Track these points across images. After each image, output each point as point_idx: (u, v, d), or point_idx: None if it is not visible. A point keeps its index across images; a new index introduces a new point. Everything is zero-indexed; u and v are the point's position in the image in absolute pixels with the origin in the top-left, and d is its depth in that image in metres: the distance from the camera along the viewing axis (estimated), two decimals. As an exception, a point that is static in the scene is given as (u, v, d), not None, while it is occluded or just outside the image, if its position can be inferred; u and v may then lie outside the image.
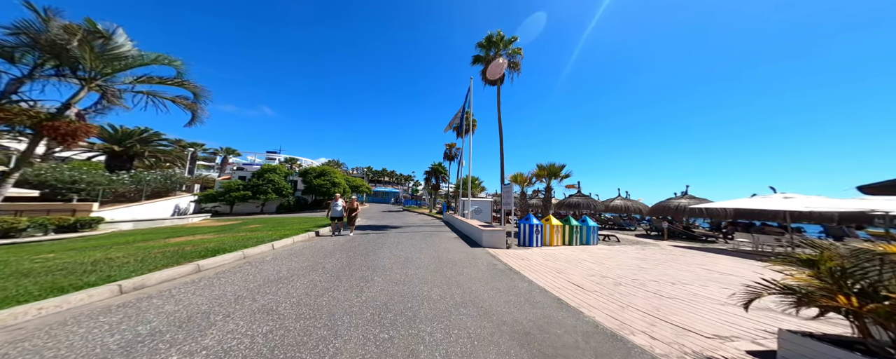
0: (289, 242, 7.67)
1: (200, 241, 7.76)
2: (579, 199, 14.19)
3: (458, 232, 11.65)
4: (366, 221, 16.29)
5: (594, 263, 6.52)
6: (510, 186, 8.80)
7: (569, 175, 11.09)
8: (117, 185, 19.72)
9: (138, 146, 23.20)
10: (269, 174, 28.59)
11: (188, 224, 17.80)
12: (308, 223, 13.31)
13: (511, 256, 7.14)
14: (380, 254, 6.78)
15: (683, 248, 9.88)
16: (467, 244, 8.61)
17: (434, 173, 35.95)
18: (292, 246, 7.33)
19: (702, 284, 5.13)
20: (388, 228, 12.66)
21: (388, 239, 9.32)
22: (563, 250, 8.18)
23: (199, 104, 8.72)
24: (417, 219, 19.07)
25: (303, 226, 11.94)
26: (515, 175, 11.35)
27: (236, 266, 5.07)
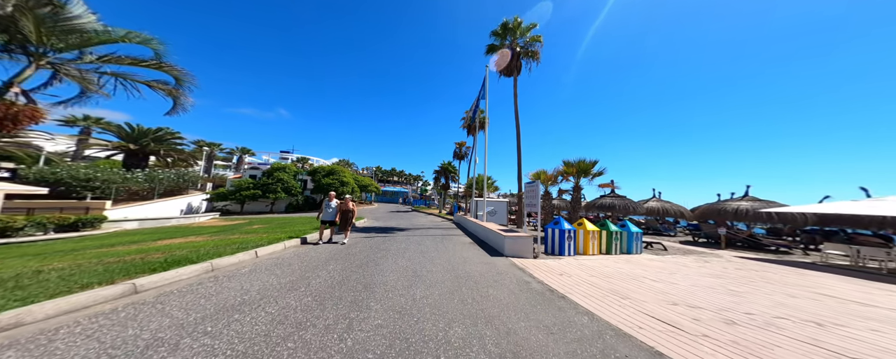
0: (279, 248, 6.45)
1: (180, 245, 6.67)
2: (614, 200, 11.54)
3: (472, 236, 10.22)
4: (372, 223, 15.08)
5: (658, 281, 4.97)
6: (536, 184, 7.33)
7: (602, 172, 9.42)
8: (131, 183, 19.37)
9: (153, 145, 22.95)
10: (279, 173, 27.97)
11: (194, 224, 17.12)
12: (314, 224, 12.22)
13: (543, 269, 5.67)
14: (382, 265, 5.45)
15: (754, 260, 8.04)
16: (485, 252, 7.19)
17: (444, 173, 34.60)
18: (281, 253, 6.10)
19: (870, 327, 3.35)
20: (394, 231, 11.37)
21: (393, 244, 8.01)
22: (603, 262, 6.62)
23: (181, 90, 7.65)
24: (426, 220, 17.74)
25: (304, 227, 10.81)
26: (538, 173, 9.84)
27: (193, 283, 3.84)
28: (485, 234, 8.92)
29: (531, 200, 7.74)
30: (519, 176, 14.12)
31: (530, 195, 7.85)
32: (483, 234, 9.18)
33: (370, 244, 7.85)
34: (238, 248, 5.69)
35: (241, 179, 28.12)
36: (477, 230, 10.24)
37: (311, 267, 5.05)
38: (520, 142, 14.40)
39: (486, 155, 11.62)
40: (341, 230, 7.76)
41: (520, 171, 14.14)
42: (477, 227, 10.36)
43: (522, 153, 14.23)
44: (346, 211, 7.68)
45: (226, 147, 52.18)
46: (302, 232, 8.71)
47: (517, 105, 14.86)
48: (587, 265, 6.14)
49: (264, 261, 5.37)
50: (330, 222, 7.52)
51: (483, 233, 9.20)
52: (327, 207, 7.53)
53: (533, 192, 7.69)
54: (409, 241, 8.74)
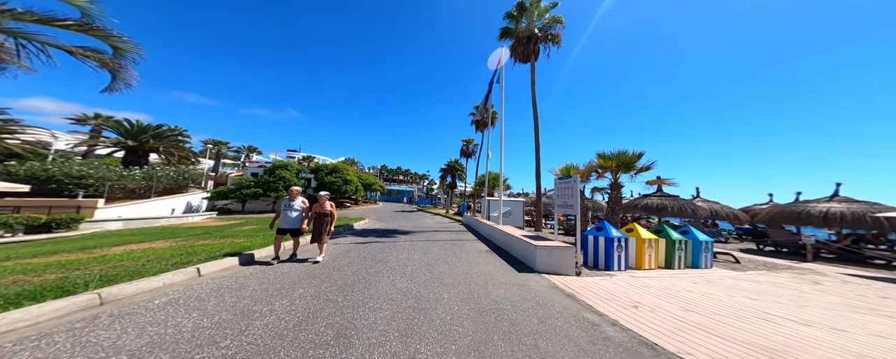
0: (232, 263, 4.78)
1: (120, 255, 5.15)
2: (664, 200, 8.93)
3: (488, 242, 8.50)
4: (373, 224, 13.48)
5: (800, 322, 3.19)
6: (573, 180, 5.55)
7: (648, 167, 7.50)
8: (127, 180, 18.27)
9: (152, 141, 21.93)
10: (281, 171, 26.71)
11: (185, 224, 15.81)
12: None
13: (602, 295, 3.93)
14: (373, 288, 3.79)
15: (872, 279, 5.97)
16: (509, 265, 5.48)
17: (450, 171, 32.88)
18: (238, 272, 4.47)
19: None
20: (396, 234, 9.72)
21: (392, 253, 6.35)
22: (675, 282, 4.82)
23: (121, 63, 6.08)
24: (433, 221, 16.07)
25: None
26: (567, 167, 8.05)
27: (35, 335, 2.25)
28: (505, 240, 7.19)
29: (566, 199, 5.99)
30: (537, 173, 12.32)
31: (564, 193, 6.09)
32: (502, 240, 7.44)
33: (364, 253, 6.21)
34: (175, 264, 4.11)
35: (242, 176, 26.96)
36: (493, 235, 8.51)
37: (270, 293, 3.42)
38: (538, 134, 12.60)
39: (503, 147, 9.88)
40: (314, 242, 5.29)
41: (538, 167, 12.35)
42: (492, 231, 8.64)
43: (540, 149, 12.46)
44: (322, 215, 5.11)
45: (233, 145, 51.59)
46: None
47: (535, 94, 13.06)
48: (659, 289, 4.36)
49: (207, 283, 3.76)
50: (291, 231, 5.04)
51: (502, 239, 7.47)
52: (288, 209, 5.02)
53: (568, 189, 5.93)
54: (413, 248, 7.09)
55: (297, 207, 5.13)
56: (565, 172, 8.05)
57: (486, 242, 8.51)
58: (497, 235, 8.04)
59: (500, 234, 7.71)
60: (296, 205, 5.14)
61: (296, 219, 5.09)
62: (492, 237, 8.65)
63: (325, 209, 5.23)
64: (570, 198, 5.74)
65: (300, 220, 5.14)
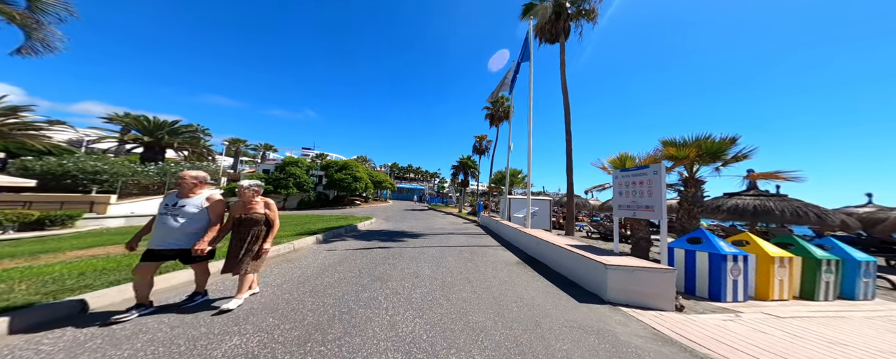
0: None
1: (57, 266, 3.92)
2: (767, 201, 6.16)
3: (516, 250, 6.82)
4: (380, 224, 12.07)
5: None
6: (656, 170, 3.73)
7: (745, 156, 5.47)
8: (141, 176, 17.89)
9: (167, 138, 21.63)
10: (291, 168, 25.97)
11: None
12: (313, 224, 9.38)
13: (752, 352, 2.20)
14: (358, 337, 2.22)
15: None
16: (558, 287, 3.82)
17: (462, 168, 31.18)
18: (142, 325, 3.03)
19: None
20: (404, 238, 8.21)
21: (397, 264, 4.81)
22: (845, 323, 2.97)
23: (38, 20, 4.77)
24: (445, 221, 14.49)
25: (295, 229, 7.98)
26: (621, 156, 6.14)
27: None
28: (543, 250, 5.47)
29: (634, 197, 4.23)
30: (568, 168, 10.47)
31: (631, 190, 4.32)
32: (538, 249, 5.73)
33: (362, 264, 4.71)
34: (59, 287, 2.72)
35: (253, 173, 26.46)
36: (522, 241, 6.81)
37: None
38: (569, 124, 10.73)
39: (531, 138, 8.13)
40: (228, 272, 2.72)
41: (569, 161, 10.49)
42: (520, 236, 6.95)
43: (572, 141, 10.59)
44: (247, 223, 2.76)
45: (251, 144, 52.17)
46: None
47: (565, 77, 11.18)
48: (836, 341, 2.57)
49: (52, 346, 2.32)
50: (175, 255, 2.54)
51: (537, 248, 5.76)
52: (169, 211, 2.51)
53: (639, 184, 4.15)
54: (423, 256, 5.53)
55: (190, 211, 2.54)
56: (619, 162, 6.21)
57: (513, 249, 6.83)
58: (528, 241, 6.35)
59: (532, 240, 6.01)
60: (188, 204, 2.56)
61: (186, 232, 2.51)
62: (520, 244, 6.96)
63: (254, 211, 2.78)
64: (645, 196, 3.98)
65: (197, 233, 2.56)
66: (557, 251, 4.77)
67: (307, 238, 6.30)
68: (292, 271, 4.19)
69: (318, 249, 5.87)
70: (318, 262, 4.77)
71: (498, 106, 27.87)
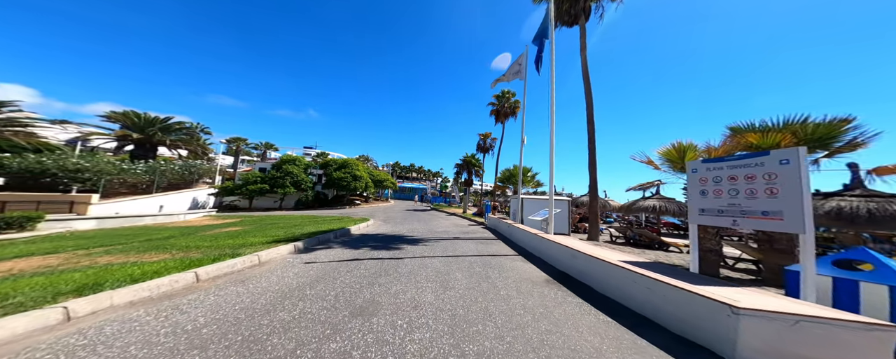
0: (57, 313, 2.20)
1: None
2: (883, 203, 4.38)
3: (539, 262, 5.56)
4: (378, 227, 10.88)
5: None
6: (794, 154, 2.42)
7: (862, 144, 4.10)
8: (127, 174, 16.90)
9: (159, 135, 20.69)
10: (288, 166, 24.92)
11: (172, 223, 13.97)
12: (303, 227, 8.20)
13: None
14: None
15: None
16: (636, 334, 2.53)
17: (466, 167, 29.90)
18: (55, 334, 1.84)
19: None
20: (403, 244, 6.98)
21: (391, 285, 3.56)
22: None
23: None
24: (449, 223, 13.25)
25: (273, 234, 6.81)
26: (678, 146, 4.76)
27: None
28: (587, 268, 4.14)
29: (743, 199, 2.90)
30: (591, 164, 9.16)
31: (736, 188, 2.99)
32: (576, 266, 4.41)
33: (341, 287, 3.48)
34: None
35: (250, 172, 25.48)
36: (549, 252, 5.51)
37: None
38: (592, 116, 9.42)
39: (553, 126, 6.83)
40: None
41: (592, 156, 9.17)
42: (545, 245, 5.67)
43: (595, 134, 9.29)
44: None
45: (252, 142, 51.51)
46: (225, 254, 4.54)
47: (586, 62, 9.88)
48: None
49: None
50: None
51: (575, 264, 4.45)
52: None
53: (756, 180, 2.82)
54: (425, 272, 4.30)
55: None
56: (675, 154, 4.86)
57: (535, 261, 5.56)
58: (556, 252, 5.07)
59: (563, 252, 4.74)
60: None
61: None
62: (544, 254, 5.68)
63: None
64: (762, 196, 2.66)
65: None
66: (608, 270, 3.50)
67: (282, 247, 5.10)
68: (237, 299, 2.99)
69: (293, 261, 4.66)
70: (283, 283, 3.57)
71: (503, 101, 26.56)
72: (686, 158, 4.76)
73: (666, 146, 4.98)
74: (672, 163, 5.01)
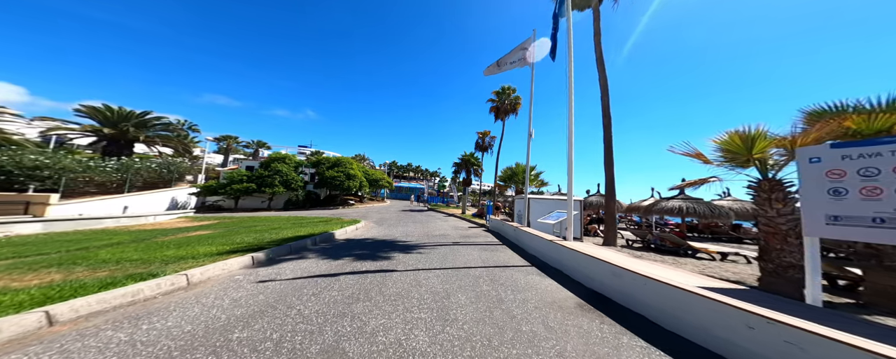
0: None
1: None
2: None
3: (565, 279, 4.51)
4: (368, 230, 9.77)
5: None
6: None
7: None
8: (95, 172, 15.54)
9: (134, 130, 19.30)
10: (277, 164, 23.66)
11: (138, 226, 12.65)
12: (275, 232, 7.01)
13: None
14: None
15: None
16: None
17: (465, 165, 28.88)
18: None
19: None
20: (393, 252, 5.87)
21: (362, 330, 2.40)
22: None
23: None
24: (447, 225, 12.17)
25: (231, 242, 5.68)
26: (741, 133, 3.73)
27: None
28: (643, 295, 3.02)
29: (869, 201, 1.89)
30: (607, 157, 8.15)
31: (862, 175, 1.98)
32: (623, 288, 3.30)
33: (297, 322, 2.35)
34: None
35: (235, 170, 24.15)
36: (575, 265, 4.44)
37: None
38: (608, 106, 8.42)
39: (572, 114, 5.80)
40: None
41: (609, 149, 8.17)
42: (566, 255, 4.62)
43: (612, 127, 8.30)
44: None
45: (243, 140, 49.94)
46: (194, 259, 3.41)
47: (600, 48, 8.88)
48: None
49: None
50: None
51: (621, 285, 3.35)
52: None
53: None
54: (416, 296, 3.20)
55: None
56: (740, 144, 3.78)
57: (554, 274, 4.51)
58: (587, 267, 4.01)
59: (600, 268, 3.69)
60: None
61: None
62: (566, 267, 4.62)
63: None
64: None
65: None
66: (684, 301, 2.44)
67: (233, 259, 3.98)
68: (101, 352, 1.86)
69: (243, 279, 3.55)
70: (203, 319, 2.46)
71: (504, 97, 25.56)
72: (756, 148, 3.72)
73: (722, 136, 3.93)
74: (734, 155, 3.98)
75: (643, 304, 2.88)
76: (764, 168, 3.87)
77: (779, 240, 3.39)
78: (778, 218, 3.45)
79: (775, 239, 3.42)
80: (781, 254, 3.38)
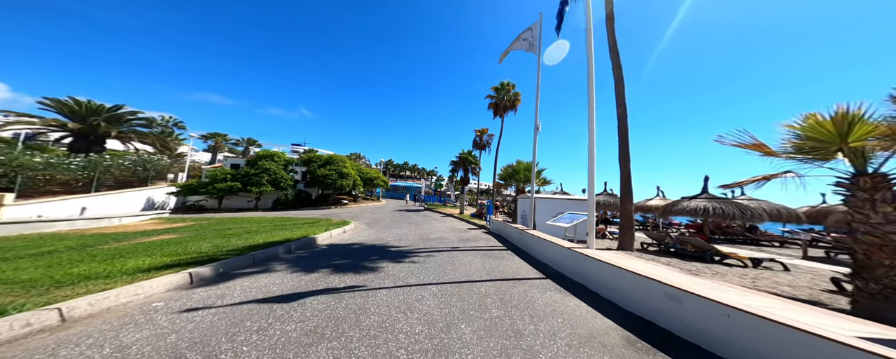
0: None
1: None
2: None
3: (594, 299, 3.66)
4: (357, 233, 8.84)
5: None
6: None
7: None
8: (57, 170, 14.26)
9: (104, 125, 17.91)
10: (265, 162, 22.47)
11: (98, 229, 11.30)
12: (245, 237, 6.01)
13: None
14: None
15: None
16: None
17: (462, 164, 28.04)
18: None
19: None
20: (380, 263, 4.95)
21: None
22: None
23: None
24: (444, 227, 11.30)
25: (210, 247, 4.71)
26: (835, 117, 2.94)
27: None
28: (766, 341, 2.24)
29: None
30: (622, 152, 7.36)
31: None
32: (711, 330, 2.51)
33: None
34: None
35: (219, 168, 22.89)
36: (614, 283, 3.54)
37: None
38: (622, 91, 7.63)
39: (593, 98, 4.97)
40: None
41: (624, 142, 7.38)
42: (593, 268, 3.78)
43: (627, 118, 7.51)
44: None
45: (232, 138, 48.31)
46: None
47: (613, 29, 8.09)
48: None
49: None
50: None
51: (706, 324, 2.53)
52: None
53: None
54: (404, 329, 2.29)
55: None
56: (828, 128, 2.83)
57: (580, 291, 3.67)
58: (628, 286, 3.16)
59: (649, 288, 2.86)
60: None
61: None
62: (596, 283, 3.77)
63: None
64: None
65: None
66: (813, 347, 1.59)
67: (159, 279, 3.03)
68: None
69: (163, 308, 2.61)
70: None
71: (503, 93, 24.72)
72: (854, 134, 2.83)
73: (798, 120, 3.09)
74: (817, 144, 3.10)
75: (730, 345, 2.03)
76: (861, 161, 3.00)
77: (888, 254, 2.58)
78: (887, 226, 2.63)
79: (883, 253, 2.60)
80: (892, 272, 2.57)
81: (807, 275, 5.41)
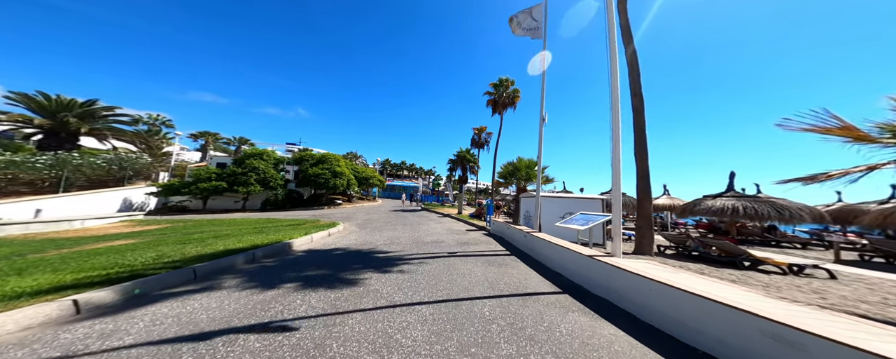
0: None
1: None
2: None
3: (631, 322, 2.83)
4: (345, 236, 7.95)
5: None
6: None
7: None
8: (20, 168, 13.18)
9: (75, 121, 16.74)
10: (253, 161, 21.46)
11: (54, 233, 10.07)
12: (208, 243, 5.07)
13: None
14: None
15: None
16: None
17: (460, 162, 27.23)
18: None
19: None
20: (364, 271, 4.07)
21: None
22: None
23: None
24: (441, 228, 10.44)
25: (151, 256, 3.81)
26: None
27: None
28: None
29: None
30: (638, 145, 6.56)
31: None
32: None
33: None
34: None
35: (203, 167, 21.80)
36: (668, 310, 2.75)
37: None
38: (637, 78, 6.86)
39: (617, 83, 4.15)
40: None
41: (640, 133, 6.60)
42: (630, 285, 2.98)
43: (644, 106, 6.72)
44: None
45: (223, 137, 47.09)
46: None
47: (626, 13, 7.32)
48: None
49: None
50: None
51: None
52: None
53: None
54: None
55: None
56: None
57: (612, 314, 2.85)
58: (694, 315, 2.35)
59: (746, 327, 2.04)
60: None
61: None
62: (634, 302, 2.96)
63: None
64: None
65: None
66: None
67: (34, 307, 2.15)
68: None
69: None
70: None
71: (501, 90, 23.93)
72: None
73: None
74: None
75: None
76: None
77: None
78: None
79: None
80: None
81: (864, 285, 4.63)
